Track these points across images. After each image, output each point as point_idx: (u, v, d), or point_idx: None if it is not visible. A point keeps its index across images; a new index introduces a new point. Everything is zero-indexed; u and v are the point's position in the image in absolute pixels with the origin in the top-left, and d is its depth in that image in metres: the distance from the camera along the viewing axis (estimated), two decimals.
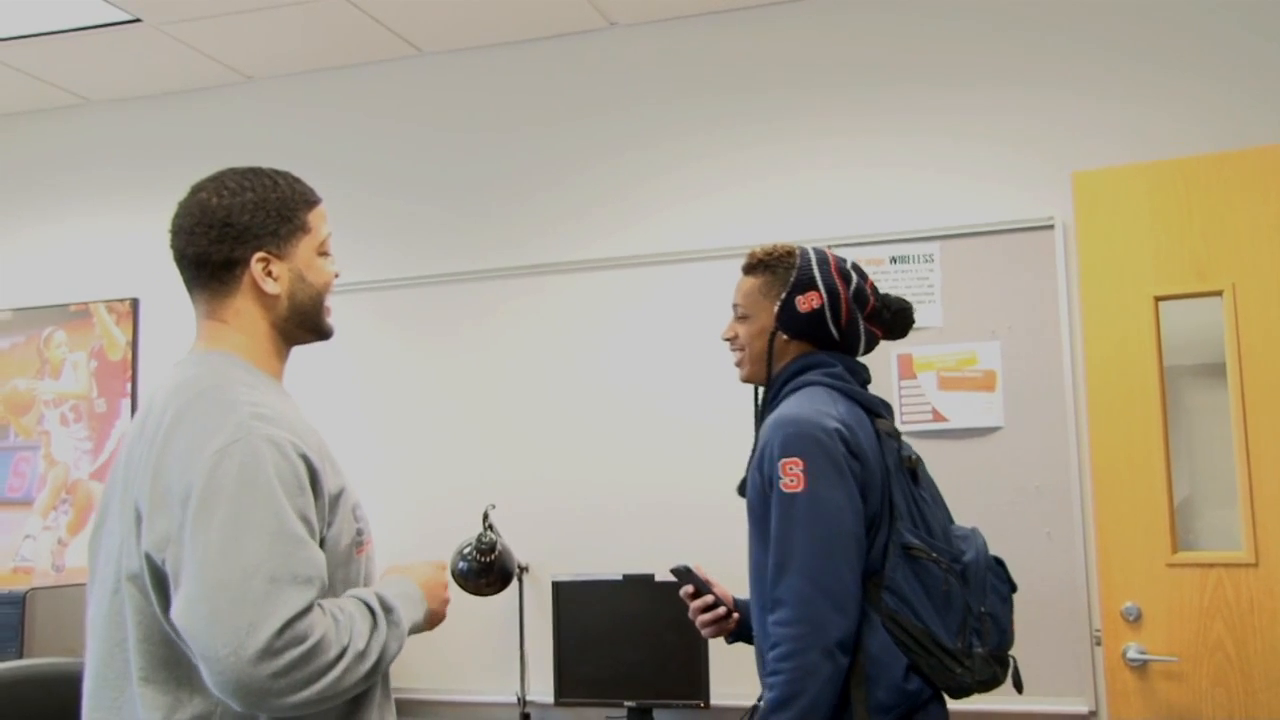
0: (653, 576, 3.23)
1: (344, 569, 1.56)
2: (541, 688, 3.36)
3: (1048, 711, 2.96)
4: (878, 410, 2.12)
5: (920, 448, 2.25)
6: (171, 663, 1.47)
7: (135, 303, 4.05)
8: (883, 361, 3.20)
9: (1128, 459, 2.87)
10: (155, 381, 1.64)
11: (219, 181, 1.64)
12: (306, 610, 1.39)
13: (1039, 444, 3.07)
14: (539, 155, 3.67)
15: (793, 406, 2.03)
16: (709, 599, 2.19)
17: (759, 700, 1.99)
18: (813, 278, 2.13)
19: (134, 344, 4.03)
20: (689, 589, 2.20)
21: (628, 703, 3.21)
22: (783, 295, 2.13)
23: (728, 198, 3.46)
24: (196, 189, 1.65)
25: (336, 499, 1.55)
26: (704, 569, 2.23)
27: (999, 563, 2.14)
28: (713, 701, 3.13)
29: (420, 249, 3.75)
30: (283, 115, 3.97)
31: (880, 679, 1.90)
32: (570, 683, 3.28)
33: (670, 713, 3.24)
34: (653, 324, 3.47)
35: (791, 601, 1.90)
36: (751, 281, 2.19)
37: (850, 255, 3.39)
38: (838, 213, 3.32)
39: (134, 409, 3.99)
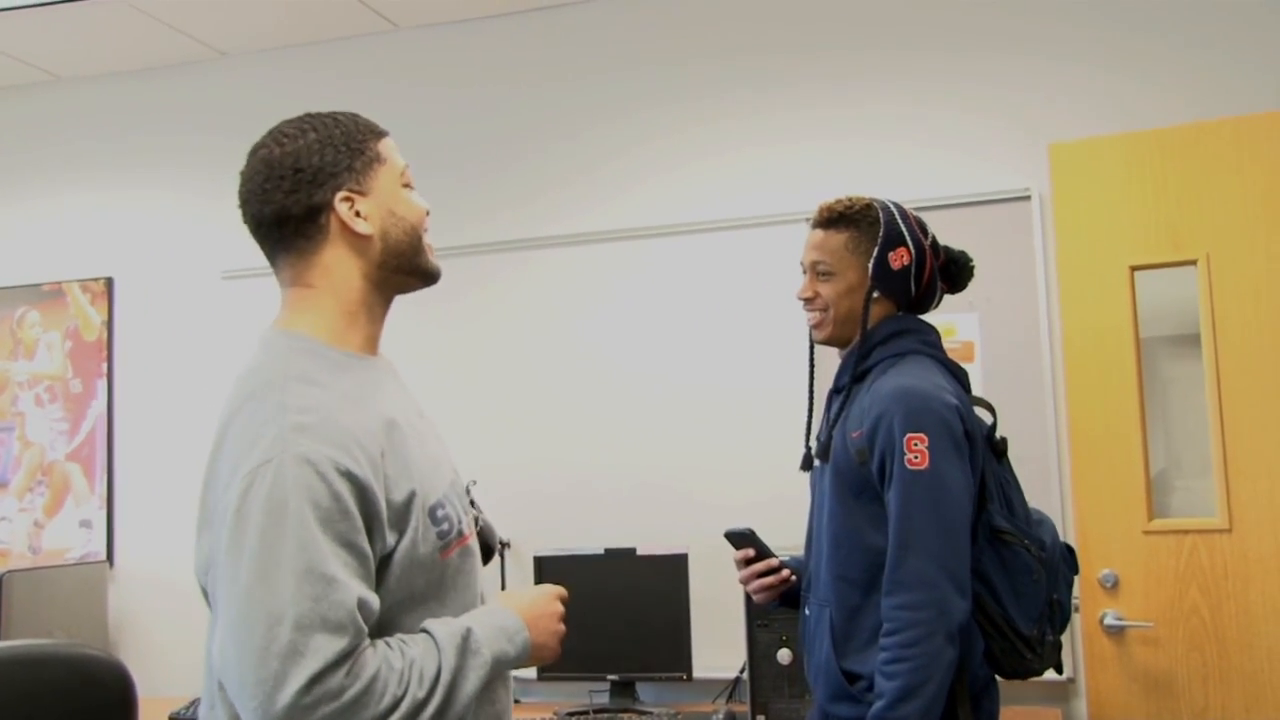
0: (634, 550, 3.24)
1: (429, 574, 1.41)
2: None
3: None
4: (967, 384, 2.08)
5: None
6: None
7: (110, 282, 4.01)
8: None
9: (1105, 429, 2.89)
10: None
11: (275, 133, 1.49)
12: (341, 659, 1.24)
13: (1017, 414, 3.08)
14: (517, 129, 3.65)
15: (908, 378, 1.96)
16: (773, 562, 2.14)
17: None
18: (901, 232, 2.06)
19: (109, 324, 4.00)
20: (748, 552, 2.15)
21: (610, 676, 3.22)
22: (875, 251, 2.04)
23: (706, 171, 3.45)
24: (255, 149, 1.50)
25: (406, 506, 1.37)
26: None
27: (1069, 550, 2.13)
28: (695, 674, 3.15)
29: None
30: (257, 91, 3.93)
31: (965, 663, 1.90)
32: None
33: (653, 685, 3.26)
34: (635, 298, 3.47)
35: (916, 585, 1.85)
36: (837, 237, 2.07)
37: None
38: (816, 185, 3.32)
39: (110, 389, 3.96)
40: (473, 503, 3.43)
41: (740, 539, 2.16)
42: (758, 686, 2.87)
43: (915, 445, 1.88)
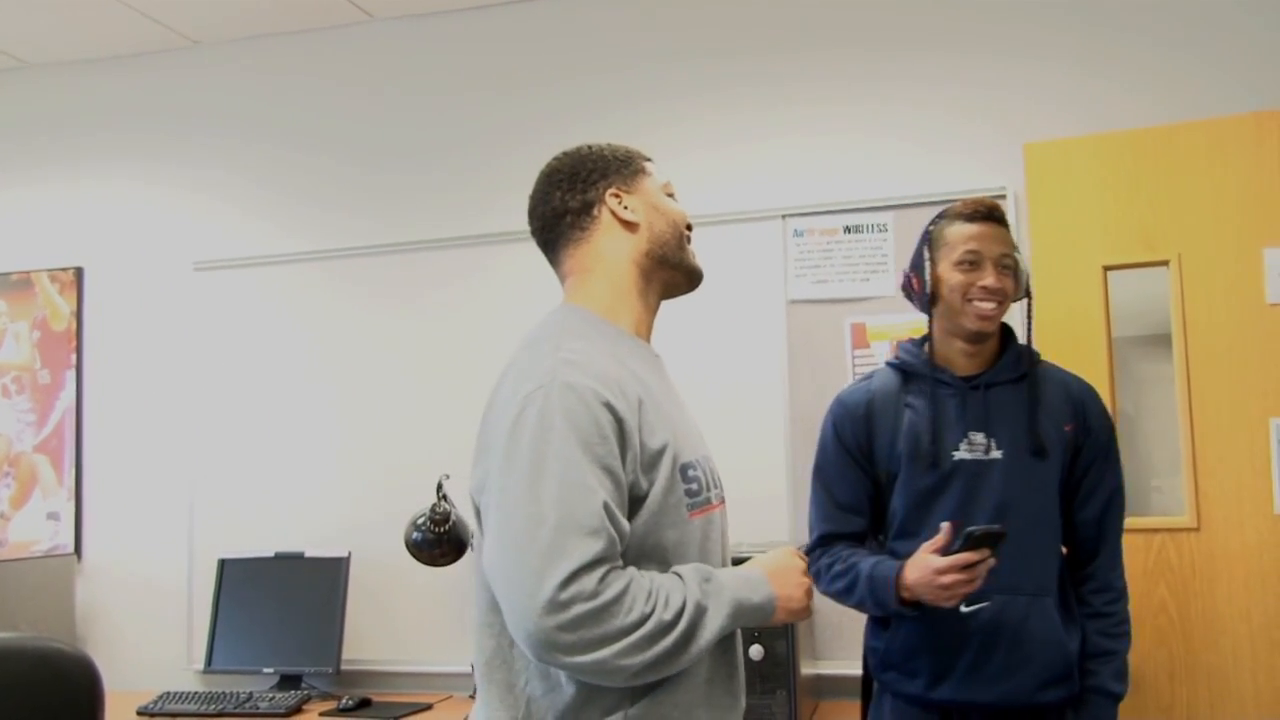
0: None
1: (675, 530, 1.49)
2: None
3: None
4: None
5: None
6: (497, 607, 1.46)
7: (79, 271, 3.97)
8: (836, 331, 3.22)
9: None
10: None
11: (557, 156, 1.75)
12: (595, 563, 1.34)
13: None
14: (494, 121, 3.63)
15: (1069, 373, 2.25)
16: (993, 562, 1.98)
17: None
18: None
19: (78, 314, 3.95)
20: (984, 552, 1.95)
21: None
22: (1018, 249, 2.19)
23: (682, 166, 3.43)
24: (542, 171, 1.75)
25: (658, 455, 1.47)
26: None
27: None
28: None
29: (372, 217, 3.71)
30: (230, 80, 3.90)
31: None
32: None
33: None
34: None
35: (1121, 556, 2.22)
36: (1007, 233, 2.17)
37: (804, 225, 3.41)
38: (792, 182, 3.32)
39: (80, 379, 3.92)
40: (444, 497, 3.46)
41: (996, 538, 1.94)
42: None
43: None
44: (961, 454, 2.11)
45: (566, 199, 1.67)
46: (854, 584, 2.11)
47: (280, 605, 3.48)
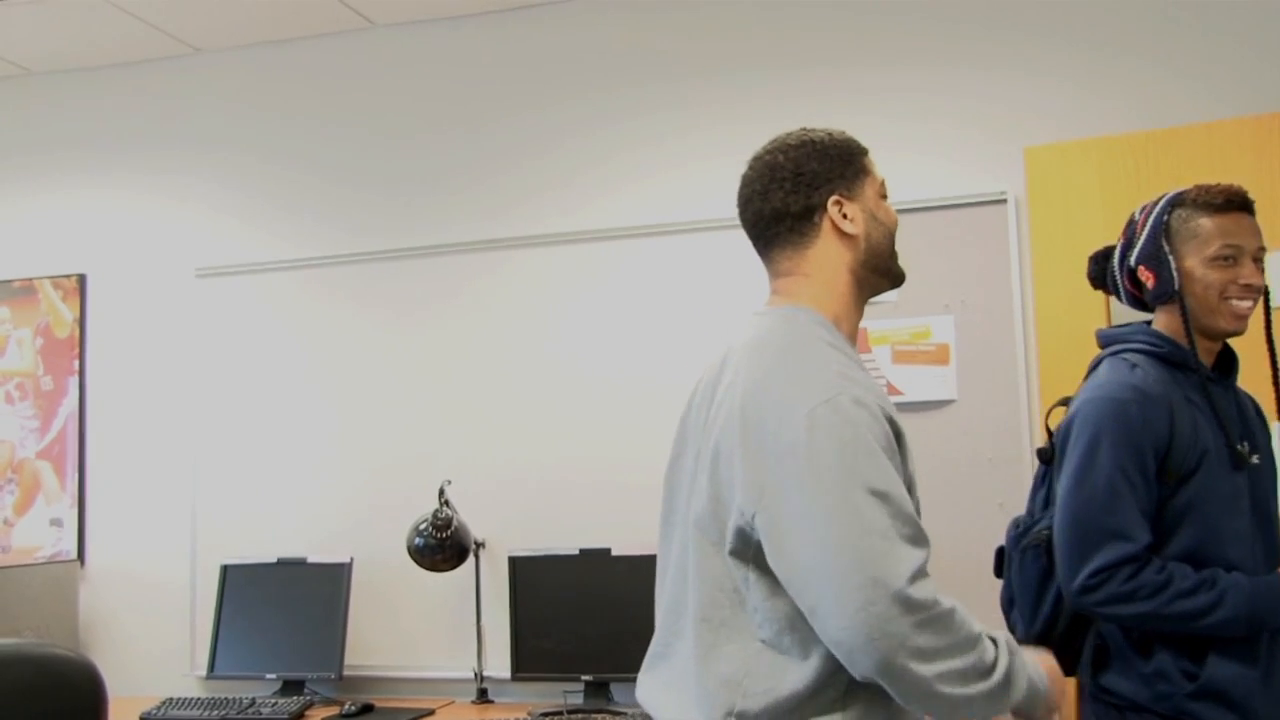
0: (609, 551, 3.24)
1: None
2: (498, 663, 3.36)
3: None
4: None
5: None
6: (722, 603, 1.49)
7: (82, 279, 3.98)
8: None
9: None
10: (733, 331, 1.66)
11: (777, 142, 1.70)
12: (925, 570, 1.37)
13: (992, 416, 3.10)
14: (495, 130, 3.64)
15: None
16: None
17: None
18: None
19: (81, 321, 3.96)
20: None
21: (585, 677, 3.22)
22: None
23: (683, 175, 3.45)
24: (757, 156, 1.70)
25: (910, 484, 1.53)
26: None
27: None
28: None
29: (375, 224, 3.71)
30: (232, 87, 3.91)
31: None
32: (527, 657, 3.28)
33: (627, 686, 3.25)
34: (609, 299, 3.46)
35: None
36: (1257, 223, 1.99)
37: None
38: None
39: (83, 386, 3.92)
40: (446, 502, 3.46)
41: None
42: None
43: None
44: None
45: (789, 201, 1.64)
46: (1221, 598, 1.83)
47: (283, 611, 3.49)
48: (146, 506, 3.82)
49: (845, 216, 1.63)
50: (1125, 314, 2.94)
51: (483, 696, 3.35)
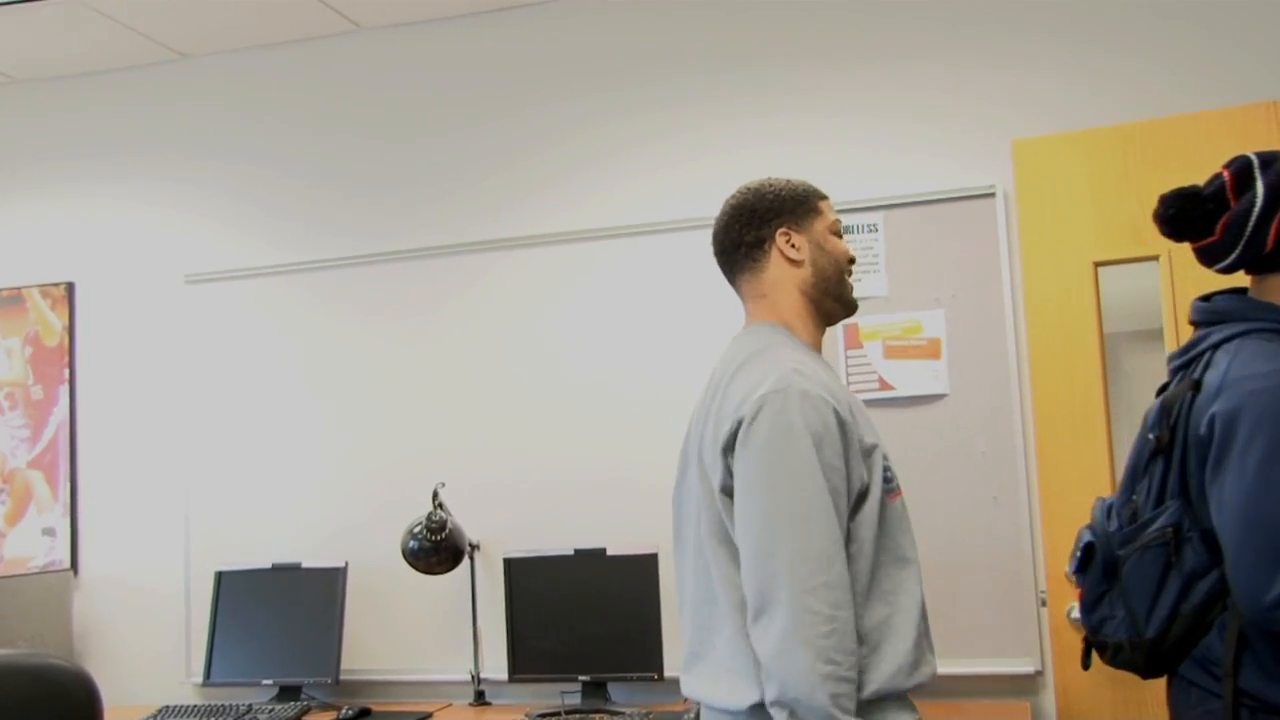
0: (604, 550, 3.24)
1: (884, 512, 1.77)
2: (495, 664, 3.36)
3: (995, 672, 3.01)
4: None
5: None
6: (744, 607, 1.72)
7: (71, 287, 3.96)
8: (829, 331, 3.22)
9: (1070, 423, 2.92)
10: (720, 354, 1.95)
11: (744, 188, 1.98)
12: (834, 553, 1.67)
13: (984, 410, 3.11)
14: (487, 131, 3.63)
15: None
16: None
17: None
18: None
19: (70, 329, 3.95)
20: None
21: (582, 677, 3.22)
22: None
23: (675, 173, 3.45)
24: (726, 200, 1.99)
25: (870, 452, 1.76)
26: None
27: None
28: (666, 673, 3.15)
29: (363, 228, 3.71)
30: (217, 93, 3.90)
31: None
32: (524, 658, 3.28)
33: (624, 686, 3.25)
34: (602, 299, 3.46)
35: None
36: None
37: None
38: None
39: (73, 394, 3.91)
40: (440, 505, 3.45)
41: None
42: None
43: None
44: None
45: (743, 233, 1.94)
46: None
47: (278, 616, 3.48)
48: (139, 514, 3.81)
49: (792, 245, 1.91)
50: (1116, 304, 2.96)
51: (480, 698, 3.35)
